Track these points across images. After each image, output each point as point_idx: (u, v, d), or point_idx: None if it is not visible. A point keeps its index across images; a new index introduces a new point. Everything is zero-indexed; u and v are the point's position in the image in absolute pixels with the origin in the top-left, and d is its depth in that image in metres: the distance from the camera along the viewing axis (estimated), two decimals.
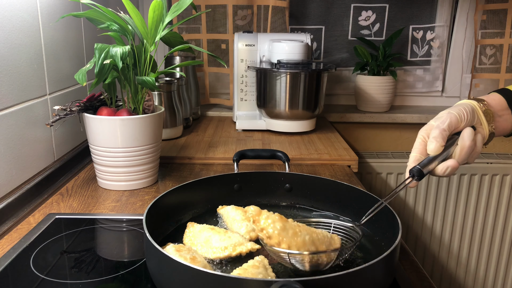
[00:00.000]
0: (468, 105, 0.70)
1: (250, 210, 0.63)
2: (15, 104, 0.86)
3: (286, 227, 0.59)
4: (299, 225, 0.61)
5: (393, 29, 1.80)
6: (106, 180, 0.97)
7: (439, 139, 0.66)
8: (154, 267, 0.60)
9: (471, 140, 0.67)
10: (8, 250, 0.71)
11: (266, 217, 0.58)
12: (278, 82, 1.39)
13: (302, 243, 0.59)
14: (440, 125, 0.67)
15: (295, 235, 0.59)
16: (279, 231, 0.58)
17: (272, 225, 0.58)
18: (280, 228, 0.58)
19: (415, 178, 0.66)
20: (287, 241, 0.58)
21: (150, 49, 0.93)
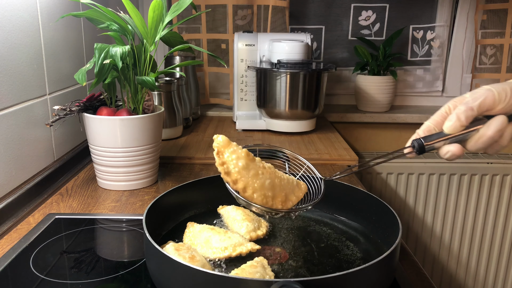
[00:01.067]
0: None
1: (218, 140, 0.56)
2: (15, 104, 0.86)
3: (249, 166, 0.55)
4: (265, 167, 0.57)
5: (393, 29, 1.80)
6: (106, 180, 0.97)
7: (462, 118, 0.56)
8: (154, 267, 0.60)
9: (497, 131, 0.56)
10: (8, 250, 0.70)
11: (232, 152, 0.55)
12: (278, 82, 1.39)
13: (260, 186, 0.56)
14: (470, 102, 0.56)
15: (255, 177, 0.56)
16: (240, 169, 0.55)
17: (235, 161, 0.55)
18: (242, 166, 0.55)
19: (415, 150, 0.59)
20: (244, 180, 0.55)
21: (150, 49, 0.93)
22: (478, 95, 0.57)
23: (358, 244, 0.72)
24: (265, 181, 0.56)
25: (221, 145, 0.56)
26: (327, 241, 0.73)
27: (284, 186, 0.59)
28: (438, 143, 0.58)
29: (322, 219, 0.81)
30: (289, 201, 0.59)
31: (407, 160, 1.74)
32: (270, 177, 0.57)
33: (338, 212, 0.82)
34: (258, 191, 0.56)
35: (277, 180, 0.58)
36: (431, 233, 1.81)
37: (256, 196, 0.56)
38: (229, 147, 0.55)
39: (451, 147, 0.57)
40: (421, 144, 0.58)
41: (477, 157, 1.77)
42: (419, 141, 0.59)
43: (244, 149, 0.57)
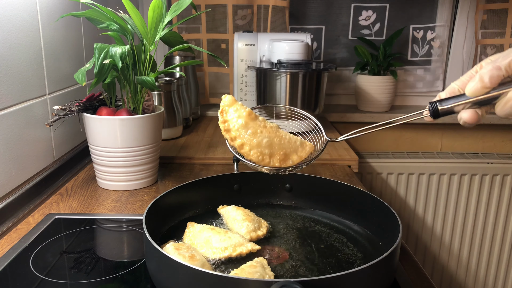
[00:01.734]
0: None
1: (224, 100, 0.60)
2: (15, 104, 0.86)
3: (248, 125, 0.58)
4: (266, 126, 0.59)
5: (393, 28, 1.80)
6: (105, 180, 0.97)
7: (486, 78, 0.50)
8: (153, 267, 0.60)
9: None
10: (8, 250, 0.70)
11: (235, 110, 0.58)
12: (278, 82, 1.39)
13: (257, 144, 0.58)
14: (499, 61, 0.50)
15: (253, 135, 0.58)
16: (239, 127, 0.58)
17: (235, 119, 0.58)
18: (241, 124, 0.58)
19: (430, 113, 0.56)
20: (242, 138, 0.58)
21: (150, 49, 0.93)
22: (508, 54, 0.51)
23: (358, 244, 0.72)
24: (263, 140, 0.59)
25: (226, 104, 0.58)
26: (327, 241, 0.73)
27: (284, 145, 0.60)
28: (457, 107, 0.53)
29: (322, 219, 0.81)
30: (289, 160, 0.61)
31: (407, 160, 1.74)
32: (269, 136, 0.59)
33: (338, 212, 0.82)
34: (254, 148, 0.58)
35: (277, 139, 0.60)
36: (431, 233, 1.81)
37: (252, 153, 0.58)
38: (234, 105, 0.58)
39: (464, 113, 0.53)
40: (435, 108, 0.55)
41: (477, 157, 1.77)
42: (434, 105, 0.55)
43: (247, 108, 0.59)
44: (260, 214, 0.81)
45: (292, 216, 0.82)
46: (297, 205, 0.86)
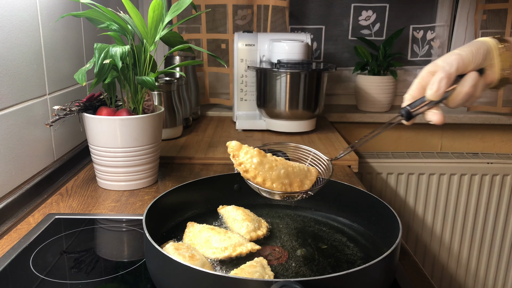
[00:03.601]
0: (484, 45, 0.63)
1: (231, 145, 0.64)
2: (15, 104, 0.86)
3: (263, 161, 0.63)
4: (277, 159, 0.65)
5: (393, 29, 1.80)
6: (105, 180, 0.97)
7: (443, 84, 0.61)
8: (153, 267, 0.60)
9: (471, 86, 0.62)
10: (8, 250, 0.70)
11: (245, 152, 0.63)
12: (278, 82, 1.39)
13: (276, 176, 0.63)
14: (447, 68, 0.62)
15: (270, 169, 0.63)
16: (256, 165, 0.62)
17: (250, 159, 0.62)
18: (257, 162, 0.62)
19: (404, 117, 0.66)
20: (262, 174, 0.63)
21: (150, 49, 0.93)
22: (452, 61, 0.62)
23: (358, 244, 0.72)
24: (280, 171, 0.64)
25: (234, 149, 0.63)
26: (327, 241, 0.73)
27: (297, 173, 0.66)
28: (423, 107, 0.64)
29: (322, 219, 0.81)
30: (305, 185, 0.66)
31: (407, 160, 1.74)
32: (284, 167, 0.64)
33: (338, 212, 0.82)
34: (276, 181, 0.63)
35: (290, 169, 0.65)
36: (431, 233, 1.81)
37: (275, 185, 0.63)
38: (242, 149, 0.63)
39: (433, 116, 0.64)
40: (408, 111, 0.65)
41: (477, 157, 1.77)
42: (406, 109, 0.65)
43: (255, 148, 0.64)
44: (260, 214, 0.81)
45: (292, 216, 0.82)
46: (297, 205, 0.86)
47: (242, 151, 0.63)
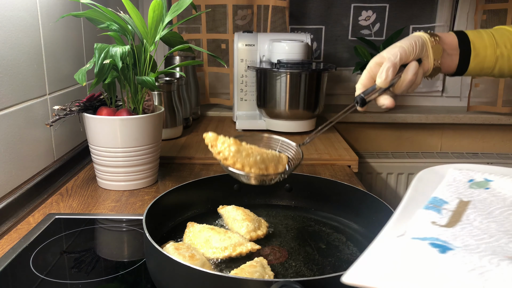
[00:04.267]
0: (420, 38, 0.74)
1: (208, 137, 0.69)
2: (15, 104, 0.86)
3: (240, 149, 0.67)
4: (252, 147, 0.69)
5: (393, 29, 1.80)
6: (106, 180, 0.97)
7: (390, 73, 0.70)
8: (154, 267, 0.60)
9: (414, 74, 0.72)
10: (8, 250, 0.70)
11: (223, 142, 0.67)
12: (278, 82, 1.39)
13: (253, 162, 0.68)
14: (392, 59, 0.71)
15: (248, 156, 0.67)
16: (234, 153, 0.67)
17: (228, 148, 0.67)
18: (234, 150, 0.67)
19: (359, 104, 0.73)
20: (241, 161, 0.67)
21: (150, 49, 0.93)
22: (396, 52, 0.72)
23: (358, 244, 0.72)
24: (256, 157, 0.68)
25: (212, 140, 0.68)
26: (327, 241, 0.73)
27: (271, 159, 0.71)
28: (374, 94, 0.73)
29: (322, 219, 0.81)
30: (278, 169, 0.72)
31: (407, 160, 1.74)
32: (259, 154, 0.69)
33: (338, 212, 0.82)
34: (253, 166, 0.68)
35: (265, 155, 0.70)
36: None
37: (253, 170, 0.68)
38: (219, 139, 0.68)
39: (385, 100, 0.73)
40: (362, 97, 0.73)
41: (477, 157, 1.77)
42: (360, 96, 0.73)
43: (231, 138, 0.69)
44: (260, 214, 0.81)
45: (292, 216, 0.82)
46: (297, 205, 0.86)
47: (219, 141, 0.68)
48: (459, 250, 0.43)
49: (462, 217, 0.53)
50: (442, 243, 0.44)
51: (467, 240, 0.46)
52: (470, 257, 0.41)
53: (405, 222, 0.52)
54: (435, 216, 0.53)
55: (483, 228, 0.49)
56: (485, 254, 0.41)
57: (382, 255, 0.42)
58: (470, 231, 0.49)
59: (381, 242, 0.46)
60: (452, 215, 0.53)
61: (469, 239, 0.46)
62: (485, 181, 0.62)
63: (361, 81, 0.75)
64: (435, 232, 0.48)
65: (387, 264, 0.40)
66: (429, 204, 0.56)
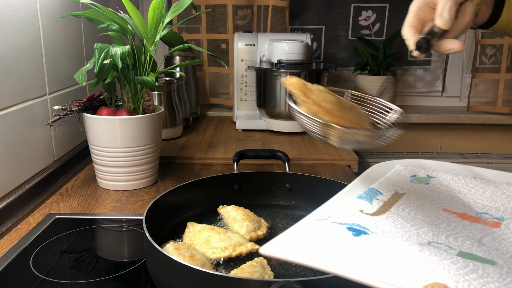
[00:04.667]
0: None
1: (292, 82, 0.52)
2: (15, 104, 0.86)
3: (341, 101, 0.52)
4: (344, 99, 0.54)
5: (393, 29, 1.80)
6: (106, 180, 0.97)
7: (453, 12, 0.58)
8: (154, 267, 0.60)
9: (472, 14, 0.62)
10: (8, 250, 0.70)
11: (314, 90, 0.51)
12: (278, 82, 1.39)
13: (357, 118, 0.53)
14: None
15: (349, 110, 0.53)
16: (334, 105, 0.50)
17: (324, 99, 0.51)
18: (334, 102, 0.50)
19: (422, 49, 0.60)
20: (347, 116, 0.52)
21: (150, 49, 0.93)
22: None
23: None
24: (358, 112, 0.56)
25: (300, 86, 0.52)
26: None
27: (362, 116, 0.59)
28: (434, 38, 0.60)
29: None
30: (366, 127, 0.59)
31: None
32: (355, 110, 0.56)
33: None
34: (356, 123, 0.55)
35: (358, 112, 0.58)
36: None
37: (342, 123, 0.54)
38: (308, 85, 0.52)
39: (453, 44, 0.59)
40: (428, 40, 0.59)
41: (477, 157, 1.77)
42: (425, 38, 0.59)
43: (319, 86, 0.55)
44: (260, 214, 0.81)
45: (292, 216, 0.82)
46: (297, 205, 0.86)
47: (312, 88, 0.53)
48: (374, 235, 0.45)
49: (392, 208, 0.54)
50: (360, 228, 0.47)
51: (387, 227, 0.48)
52: (382, 240, 0.43)
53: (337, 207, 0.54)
54: (365, 205, 0.54)
55: (409, 218, 0.51)
56: (397, 240, 0.44)
57: (301, 234, 0.46)
58: (394, 220, 0.50)
59: (304, 223, 0.48)
60: (382, 205, 0.55)
61: (389, 227, 0.48)
62: (426, 177, 0.63)
63: (410, 24, 0.62)
64: (357, 219, 0.50)
65: (302, 241, 0.44)
66: (363, 194, 0.57)
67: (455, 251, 0.43)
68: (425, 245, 0.42)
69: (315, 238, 0.44)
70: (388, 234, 0.46)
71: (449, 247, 0.44)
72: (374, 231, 0.47)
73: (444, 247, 0.43)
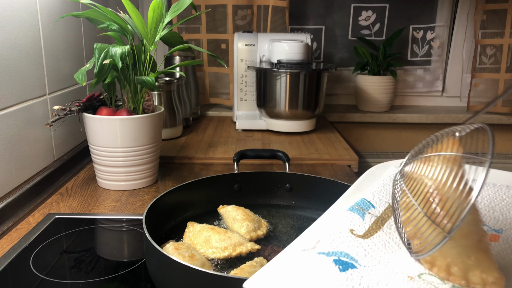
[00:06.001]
0: None
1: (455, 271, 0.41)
2: (15, 104, 0.86)
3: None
4: None
5: (393, 29, 1.80)
6: (105, 180, 0.97)
7: None
8: (153, 267, 0.60)
9: None
10: (8, 250, 0.70)
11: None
12: (278, 82, 1.39)
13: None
14: None
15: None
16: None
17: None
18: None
19: None
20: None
21: (150, 49, 0.93)
22: None
23: None
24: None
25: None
26: None
27: None
28: None
29: None
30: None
31: None
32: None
33: None
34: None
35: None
36: None
37: None
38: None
39: None
40: None
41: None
42: None
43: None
44: (260, 214, 0.81)
45: (292, 216, 0.82)
46: (297, 205, 0.86)
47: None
48: (362, 269, 0.43)
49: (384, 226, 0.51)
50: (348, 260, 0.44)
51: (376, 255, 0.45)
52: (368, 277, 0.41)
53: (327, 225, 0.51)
54: (356, 221, 0.51)
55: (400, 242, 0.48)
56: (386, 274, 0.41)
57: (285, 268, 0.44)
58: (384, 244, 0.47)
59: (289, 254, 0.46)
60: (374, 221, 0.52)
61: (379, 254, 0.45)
62: None
63: None
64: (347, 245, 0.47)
65: (287, 277, 0.42)
66: (355, 206, 0.55)
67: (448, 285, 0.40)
68: (415, 280, 0.40)
69: (299, 274, 0.42)
70: (377, 266, 0.44)
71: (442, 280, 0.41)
72: (362, 264, 0.44)
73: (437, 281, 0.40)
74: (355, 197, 0.57)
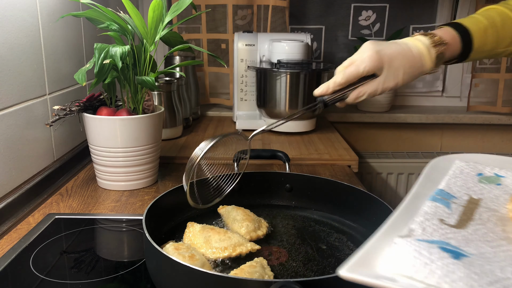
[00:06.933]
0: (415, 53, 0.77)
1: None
2: (15, 104, 0.86)
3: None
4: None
5: (393, 29, 1.80)
6: (105, 180, 0.97)
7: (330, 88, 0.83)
8: (153, 267, 0.60)
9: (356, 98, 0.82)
10: (8, 250, 0.70)
11: None
12: (278, 82, 1.39)
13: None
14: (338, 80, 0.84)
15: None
16: None
17: None
18: None
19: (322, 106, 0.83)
20: None
21: (150, 49, 0.93)
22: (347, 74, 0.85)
23: (358, 244, 0.72)
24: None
25: None
26: (327, 241, 0.73)
27: None
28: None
29: (322, 219, 0.81)
30: None
31: (407, 160, 1.74)
32: None
33: (338, 212, 0.82)
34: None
35: None
36: None
37: None
38: None
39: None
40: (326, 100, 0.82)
41: None
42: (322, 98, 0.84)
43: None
44: (260, 214, 0.81)
45: (292, 216, 0.82)
46: (297, 205, 0.86)
47: None
48: (474, 257, 0.39)
49: (474, 215, 0.48)
50: (452, 248, 0.40)
51: (481, 246, 0.42)
52: (490, 267, 0.37)
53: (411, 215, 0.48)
54: (443, 211, 0.48)
55: (498, 232, 0.44)
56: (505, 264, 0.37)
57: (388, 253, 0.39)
58: (484, 235, 0.44)
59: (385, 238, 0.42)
60: (462, 211, 0.48)
61: (484, 245, 0.42)
62: (495, 176, 0.57)
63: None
64: (443, 234, 0.44)
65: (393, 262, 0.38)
66: (436, 196, 0.51)
67: None
68: None
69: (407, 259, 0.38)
70: (487, 255, 0.40)
71: None
72: (470, 252, 0.40)
73: None
74: (429, 188, 0.54)
